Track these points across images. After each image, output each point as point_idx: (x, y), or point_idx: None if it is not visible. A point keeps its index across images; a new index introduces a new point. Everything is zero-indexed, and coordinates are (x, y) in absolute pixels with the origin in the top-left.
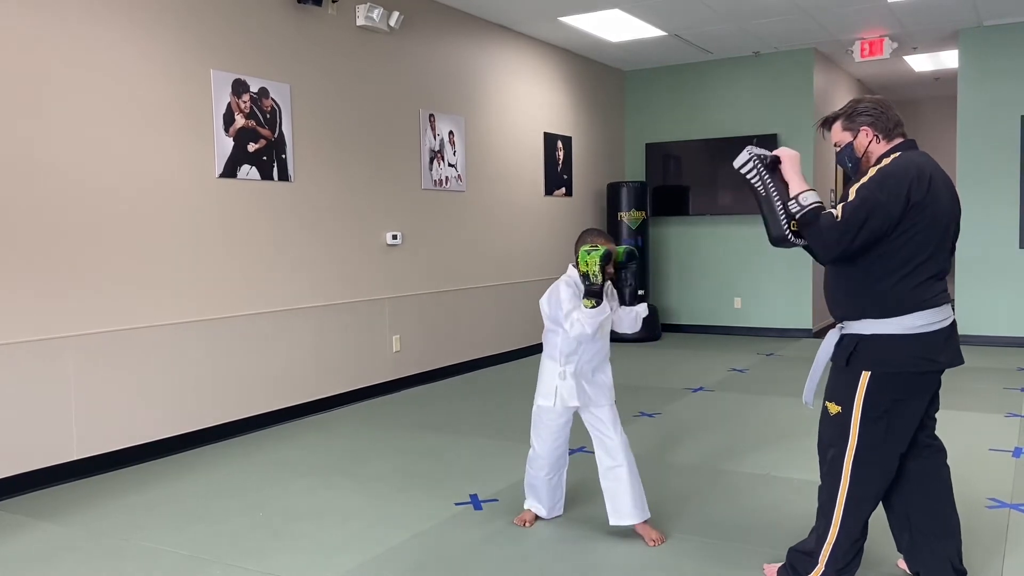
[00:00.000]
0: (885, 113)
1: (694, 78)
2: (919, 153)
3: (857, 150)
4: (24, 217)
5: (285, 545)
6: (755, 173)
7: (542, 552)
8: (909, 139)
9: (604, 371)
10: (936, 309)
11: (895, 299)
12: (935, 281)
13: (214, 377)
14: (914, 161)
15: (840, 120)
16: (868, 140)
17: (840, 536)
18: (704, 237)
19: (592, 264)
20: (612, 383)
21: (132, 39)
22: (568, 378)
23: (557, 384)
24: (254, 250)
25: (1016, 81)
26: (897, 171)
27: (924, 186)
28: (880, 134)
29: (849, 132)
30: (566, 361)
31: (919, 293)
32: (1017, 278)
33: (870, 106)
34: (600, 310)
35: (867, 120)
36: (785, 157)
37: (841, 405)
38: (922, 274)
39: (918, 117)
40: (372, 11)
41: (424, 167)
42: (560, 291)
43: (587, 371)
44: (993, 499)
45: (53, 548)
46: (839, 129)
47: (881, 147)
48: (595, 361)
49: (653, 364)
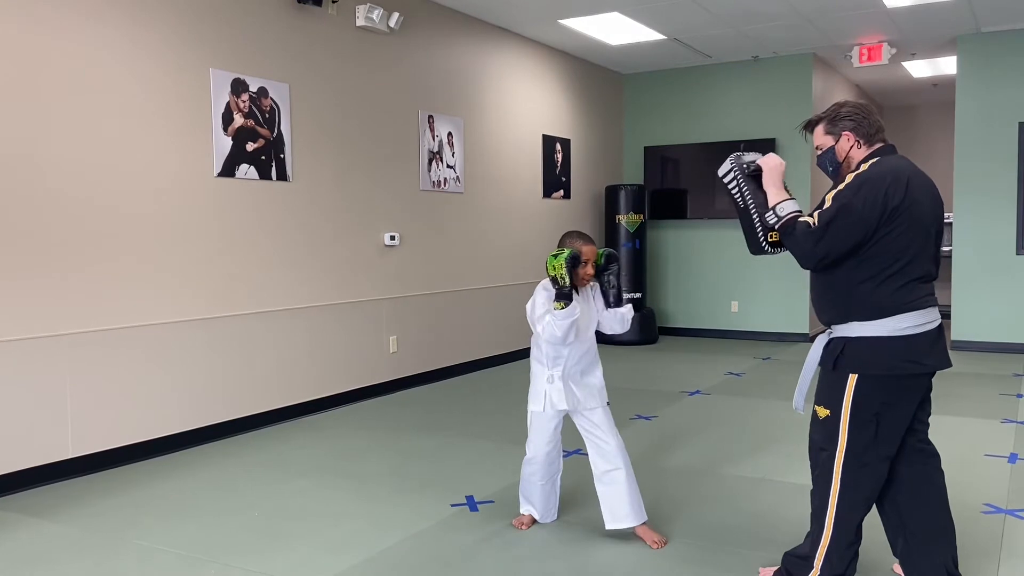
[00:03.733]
0: (867, 118)
1: (693, 82)
2: (898, 157)
3: (838, 154)
4: (20, 215)
5: (280, 545)
6: (735, 184)
7: (538, 554)
8: (889, 144)
9: (593, 373)
10: (921, 311)
11: (879, 302)
12: (919, 283)
13: (210, 376)
14: (891, 166)
15: (822, 123)
16: (849, 145)
17: (833, 540)
18: (702, 240)
19: (559, 267)
20: (603, 385)
21: (132, 37)
22: (556, 381)
23: (546, 388)
24: (252, 250)
25: (1014, 87)
26: (874, 177)
27: (901, 190)
28: (861, 139)
29: (831, 136)
30: (553, 365)
31: (903, 295)
32: (1014, 284)
33: (852, 110)
34: (568, 312)
35: (849, 125)
36: (767, 167)
37: (830, 409)
38: (905, 276)
39: (916, 123)
40: (372, 12)
41: (423, 168)
42: (537, 295)
43: (575, 374)
44: (989, 505)
45: (48, 546)
46: (821, 132)
47: (861, 152)
48: (583, 364)
49: (649, 367)
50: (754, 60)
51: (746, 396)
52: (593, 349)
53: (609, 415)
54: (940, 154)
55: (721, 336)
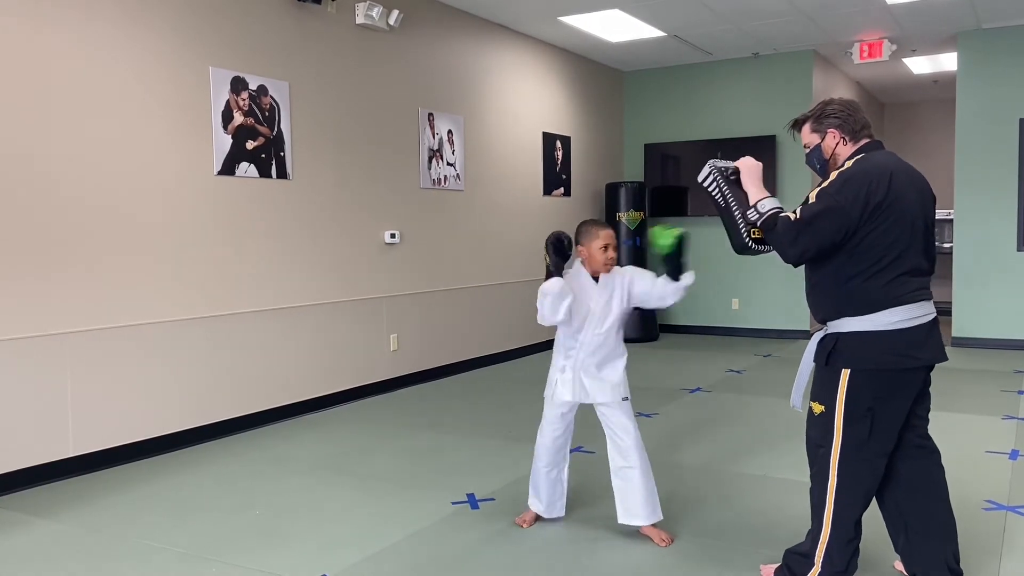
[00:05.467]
0: (852, 115)
1: (693, 79)
2: (884, 153)
3: (825, 152)
4: (20, 213)
5: (281, 543)
6: (715, 187)
7: (539, 551)
8: (875, 140)
9: (613, 367)
10: (913, 305)
11: (868, 296)
12: (910, 277)
13: (210, 375)
14: (875, 162)
15: (809, 122)
16: (835, 142)
17: (833, 536)
18: (702, 238)
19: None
20: (622, 380)
21: (132, 36)
22: (567, 372)
23: (556, 378)
24: (252, 248)
25: (1014, 84)
26: (857, 174)
27: (884, 186)
28: (847, 136)
29: (817, 134)
30: (566, 355)
31: (893, 289)
32: (1015, 280)
33: (838, 108)
34: (545, 288)
35: (834, 122)
36: (744, 168)
37: (824, 404)
38: (894, 271)
39: (916, 120)
40: (371, 9)
41: (423, 166)
42: None
43: (589, 366)
44: (990, 501)
45: (49, 545)
46: (808, 131)
47: (848, 149)
48: (598, 356)
49: (651, 364)
50: (754, 57)
51: (747, 393)
52: (612, 342)
53: (627, 410)
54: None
55: (722, 333)
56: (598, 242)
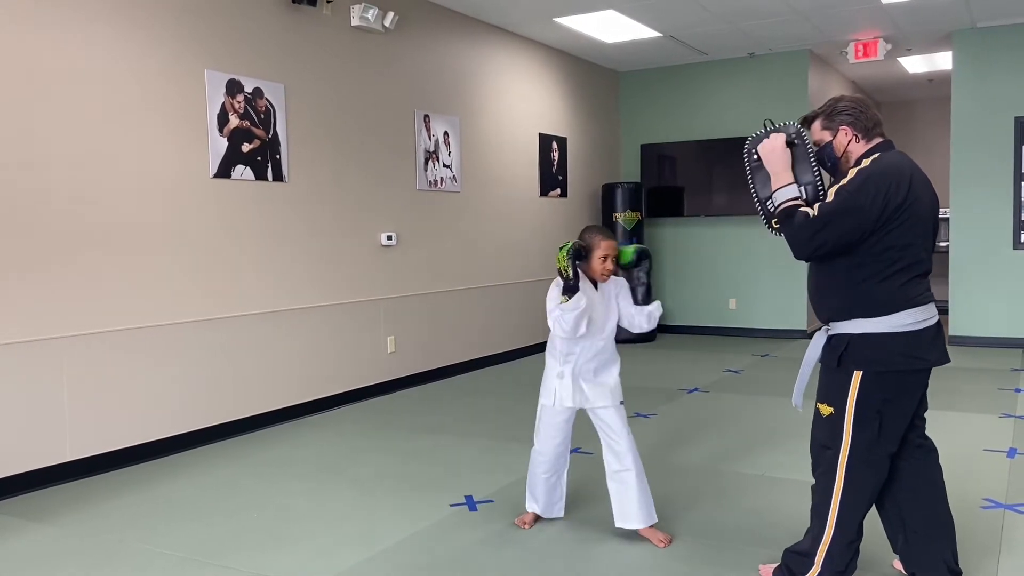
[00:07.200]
0: (864, 112)
1: (689, 79)
2: (898, 154)
3: (836, 149)
4: (17, 217)
5: (279, 546)
6: (748, 167)
7: (538, 552)
8: (887, 139)
9: (608, 372)
10: (922, 307)
11: (882, 298)
12: (920, 279)
13: (207, 378)
14: (894, 162)
15: (820, 119)
16: (847, 140)
17: (835, 537)
18: (699, 238)
19: (562, 259)
20: (618, 384)
21: (127, 38)
22: (566, 378)
23: (555, 384)
24: (248, 251)
25: (1010, 82)
26: (876, 173)
27: (904, 188)
28: (859, 134)
29: (828, 131)
30: (564, 361)
31: (906, 292)
32: (1011, 279)
33: (849, 105)
34: (574, 304)
35: (847, 119)
36: (763, 153)
37: (833, 406)
38: (908, 273)
39: (912, 118)
40: (367, 11)
41: (419, 168)
42: (551, 291)
43: (587, 371)
44: (988, 500)
45: (47, 550)
46: (818, 128)
47: (860, 147)
48: (596, 361)
49: (648, 365)
50: (750, 57)
51: (745, 393)
52: (610, 347)
53: (623, 414)
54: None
55: (719, 333)
56: (599, 252)
